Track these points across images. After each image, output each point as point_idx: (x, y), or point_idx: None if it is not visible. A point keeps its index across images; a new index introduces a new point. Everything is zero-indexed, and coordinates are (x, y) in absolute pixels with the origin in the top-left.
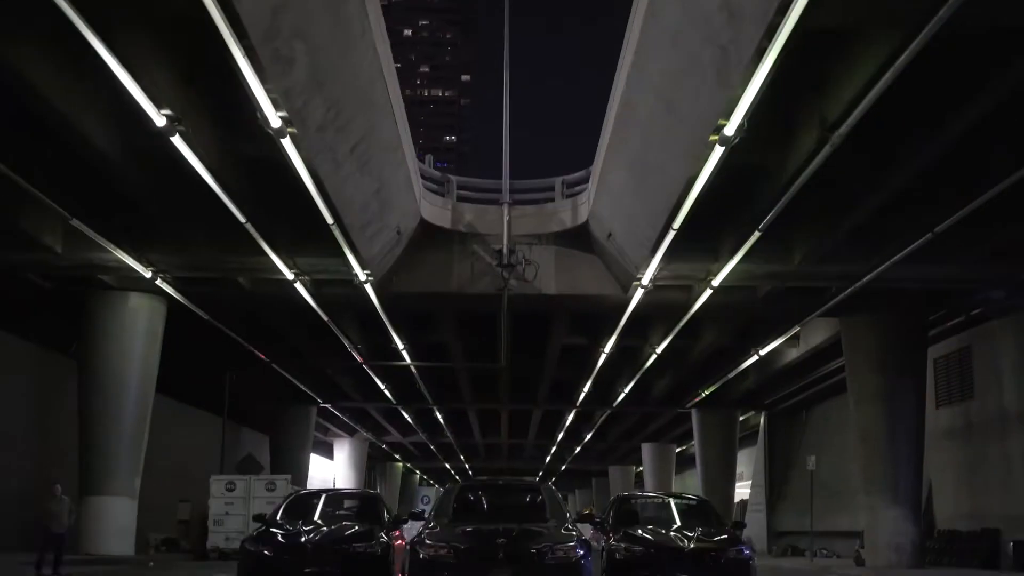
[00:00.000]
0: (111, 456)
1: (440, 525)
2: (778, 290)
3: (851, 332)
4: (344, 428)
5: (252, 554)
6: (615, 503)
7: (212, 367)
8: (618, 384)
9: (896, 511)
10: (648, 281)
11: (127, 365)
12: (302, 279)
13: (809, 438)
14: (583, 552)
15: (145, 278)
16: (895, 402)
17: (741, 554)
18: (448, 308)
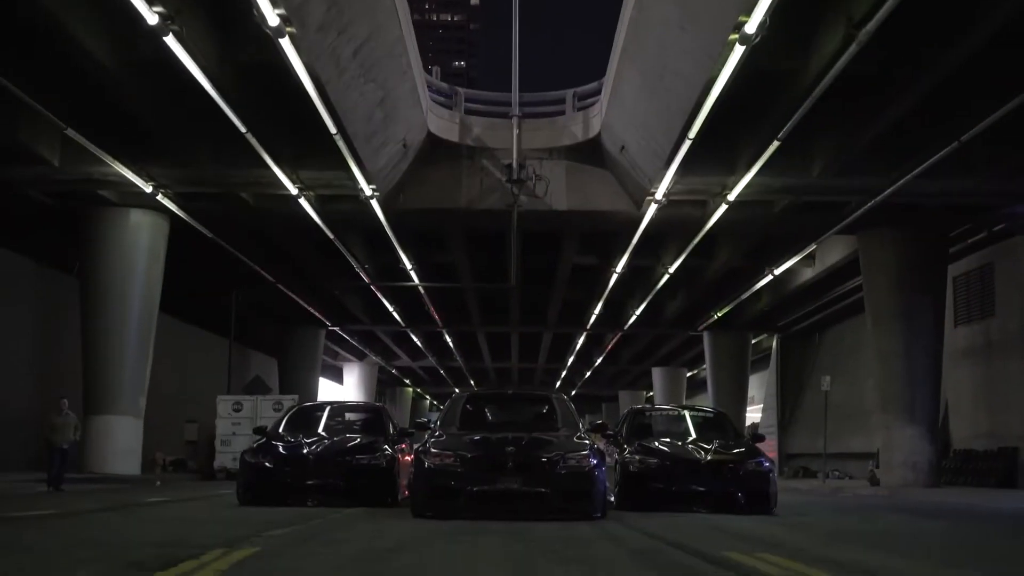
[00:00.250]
0: (115, 375)
1: (447, 434)
2: (795, 205)
3: (869, 249)
4: (353, 352)
5: (252, 466)
6: (629, 416)
7: (218, 287)
8: (629, 306)
9: (912, 430)
10: (662, 195)
11: (129, 283)
12: (306, 194)
13: (822, 360)
14: (596, 461)
15: (146, 193)
16: (913, 320)
17: (760, 466)
18: (456, 225)
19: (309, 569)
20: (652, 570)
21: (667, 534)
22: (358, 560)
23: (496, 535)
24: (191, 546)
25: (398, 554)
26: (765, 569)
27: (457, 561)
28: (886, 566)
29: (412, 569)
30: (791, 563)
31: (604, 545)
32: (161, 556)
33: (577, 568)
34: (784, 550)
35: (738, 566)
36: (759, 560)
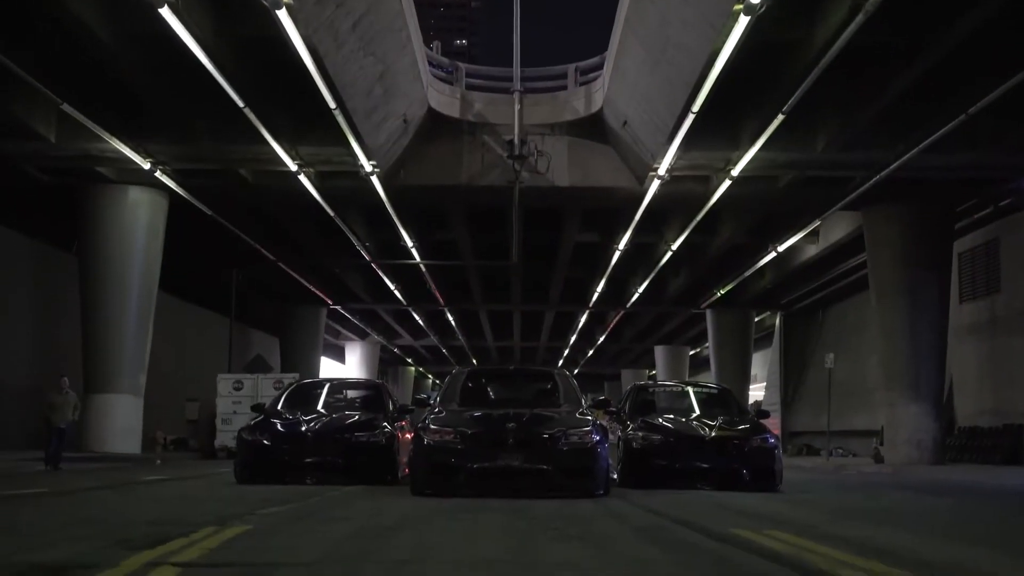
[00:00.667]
0: (114, 353)
1: (447, 411)
2: (799, 181)
3: (874, 224)
4: (355, 331)
5: (249, 444)
6: (632, 392)
7: (218, 265)
8: (632, 283)
9: (917, 407)
10: (664, 171)
11: (128, 260)
12: (306, 171)
13: (825, 338)
14: (598, 438)
15: (144, 170)
16: (918, 297)
17: (766, 443)
18: (458, 202)
19: (302, 547)
20: (656, 547)
21: (671, 511)
22: (354, 538)
23: (497, 513)
24: (184, 524)
25: (396, 532)
26: (773, 546)
27: (457, 539)
28: (894, 543)
29: (410, 547)
30: (799, 540)
31: (607, 522)
32: (152, 534)
33: (579, 545)
34: (791, 527)
35: (745, 543)
36: (766, 537)
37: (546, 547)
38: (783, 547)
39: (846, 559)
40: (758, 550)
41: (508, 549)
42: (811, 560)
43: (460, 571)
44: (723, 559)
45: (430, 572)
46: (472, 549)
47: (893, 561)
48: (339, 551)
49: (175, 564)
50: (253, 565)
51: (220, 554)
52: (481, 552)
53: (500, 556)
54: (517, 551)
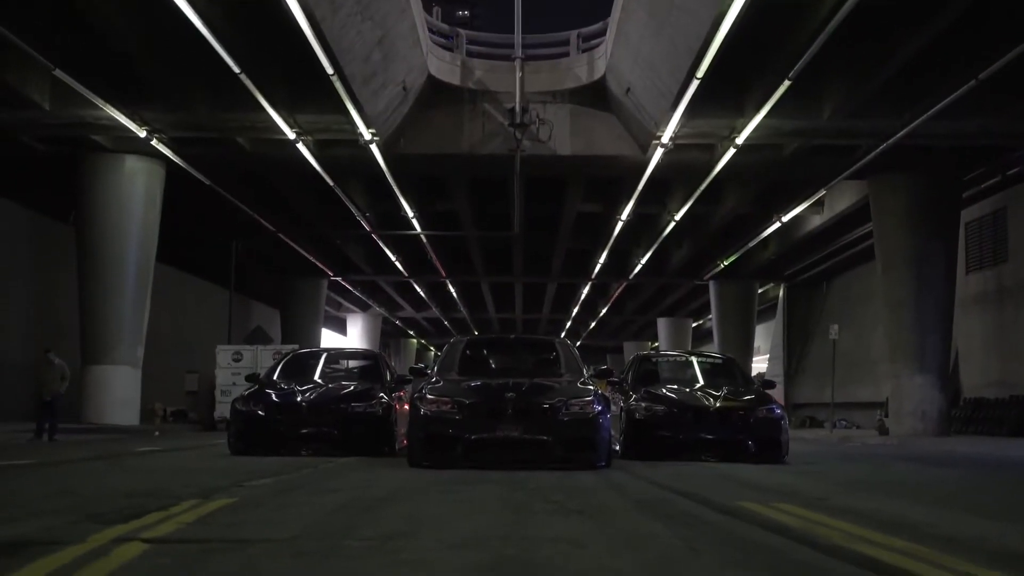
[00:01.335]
0: (112, 324)
1: (444, 380)
2: (805, 149)
3: (880, 194)
4: (357, 303)
5: (243, 414)
6: (634, 362)
7: (218, 236)
8: (635, 255)
9: (922, 378)
10: (668, 139)
11: (126, 230)
12: (304, 139)
13: (829, 310)
14: (600, 408)
15: (140, 138)
16: (924, 267)
17: (772, 413)
18: (458, 172)
19: (284, 521)
20: (659, 521)
21: (675, 483)
22: (341, 511)
23: (494, 485)
24: (166, 496)
25: (387, 505)
26: (783, 520)
27: (450, 512)
28: (910, 516)
29: (399, 521)
30: (810, 513)
31: (608, 495)
32: (129, 507)
33: (578, 520)
34: (800, 499)
35: (754, 516)
36: (775, 510)
37: (544, 521)
38: (793, 520)
39: (863, 533)
40: (767, 524)
41: (503, 523)
42: (824, 535)
43: (449, 548)
44: (730, 534)
45: (416, 549)
46: (465, 523)
47: (913, 536)
48: (322, 525)
49: (145, 540)
50: (226, 541)
51: (195, 529)
52: (474, 527)
53: (494, 531)
54: (512, 526)
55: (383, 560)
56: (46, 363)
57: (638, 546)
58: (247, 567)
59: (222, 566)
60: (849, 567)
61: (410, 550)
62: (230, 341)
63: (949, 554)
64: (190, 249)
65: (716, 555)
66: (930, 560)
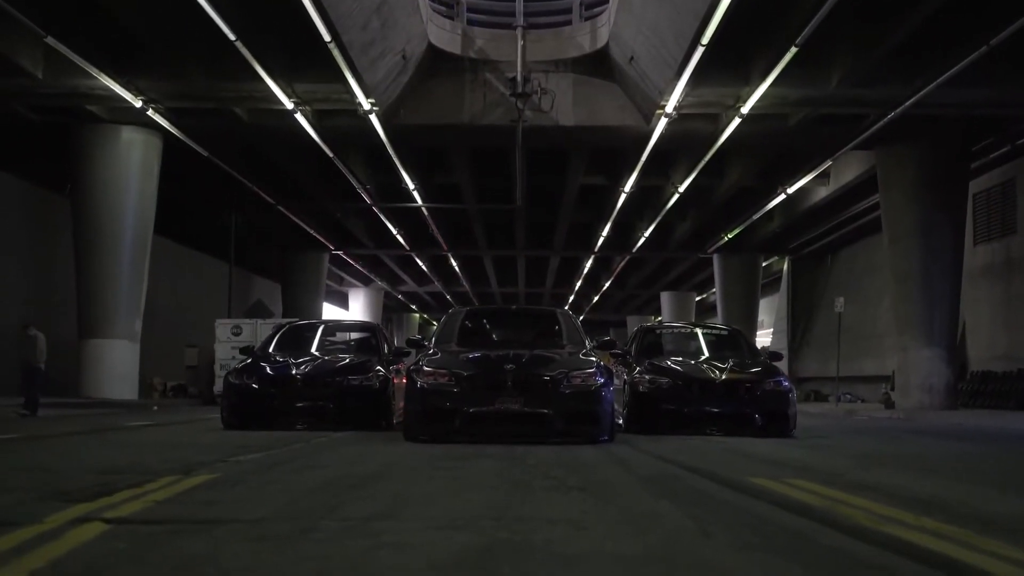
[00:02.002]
0: (109, 297)
1: (442, 352)
2: (811, 118)
3: (887, 164)
4: (359, 277)
5: (236, 387)
6: (638, 334)
7: (218, 210)
8: (638, 228)
9: (929, 352)
10: (672, 108)
11: (122, 202)
12: (302, 109)
13: (834, 283)
14: (603, 380)
15: (135, 108)
16: (932, 239)
17: (780, 386)
18: (460, 143)
19: (261, 500)
20: (667, 499)
21: (681, 458)
22: (324, 489)
23: (492, 460)
24: (144, 472)
25: (374, 482)
26: (800, 497)
27: (441, 490)
28: (935, 493)
29: (385, 500)
30: (827, 490)
31: (611, 471)
32: (101, 484)
33: (579, 498)
34: (814, 475)
35: (768, 493)
36: (790, 487)
37: (542, 500)
38: (810, 498)
39: (889, 513)
40: (783, 502)
41: (498, 502)
42: (847, 514)
43: (436, 530)
44: (744, 513)
45: (399, 531)
46: (457, 502)
47: (944, 515)
48: (300, 504)
49: (106, 520)
50: (194, 522)
51: (165, 508)
52: (466, 506)
53: (487, 511)
54: (507, 505)
55: (361, 544)
56: (26, 338)
57: (644, 528)
58: (208, 552)
59: (181, 550)
60: (883, 553)
61: (393, 532)
62: (230, 315)
63: (989, 536)
64: (190, 222)
65: (730, 538)
66: (972, 544)
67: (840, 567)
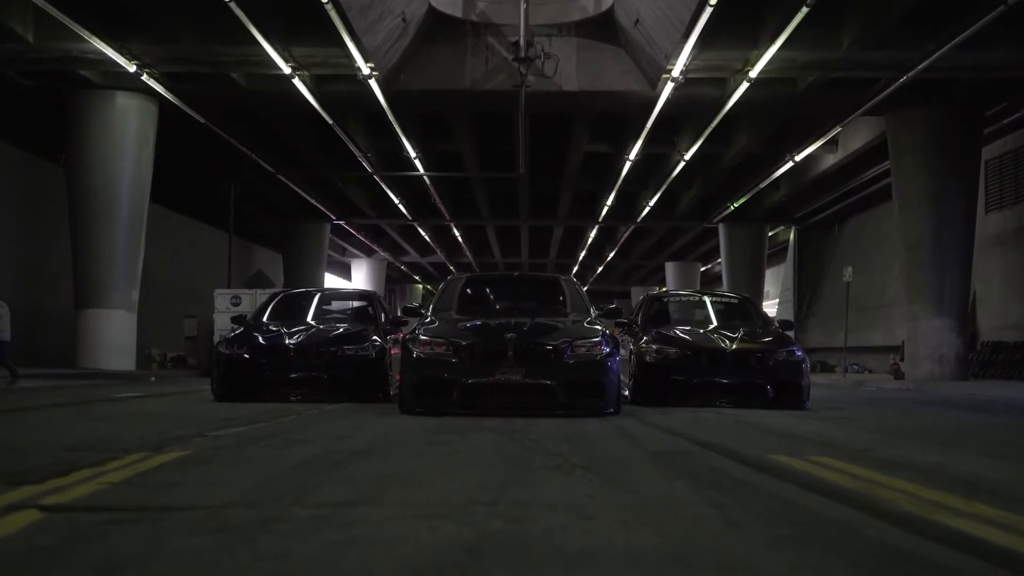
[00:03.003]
0: (105, 267)
1: (439, 320)
2: (821, 83)
3: (898, 130)
4: (361, 248)
5: (227, 358)
6: (645, 302)
7: (217, 179)
8: (643, 197)
9: (940, 321)
10: (679, 73)
11: (118, 169)
12: (300, 74)
13: (841, 253)
14: (609, 349)
15: (129, 73)
16: (943, 206)
17: (793, 355)
18: (461, 109)
19: (232, 480)
20: (681, 480)
21: (693, 432)
22: (305, 467)
23: (490, 434)
24: (112, 449)
25: (362, 458)
26: (830, 477)
27: (434, 468)
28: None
29: (366, 481)
30: (857, 468)
31: (618, 446)
32: (60, 463)
33: (584, 478)
34: (839, 451)
35: (793, 473)
36: (816, 465)
37: (542, 481)
38: (842, 479)
39: (934, 497)
40: (812, 484)
41: (493, 484)
42: (888, 499)
43: (419, 519)
44: (772, 498)
45: (377, 519)
46: (447, 484)
47: (996, 499)
48: (271, 487)
49: (42, 507)
50: (144, 509)
51: (117, 492)
52: (457, 488)
53: (480, 494)
54: (503, 487)
55: (328, 538)
56: None
57: (659, 516)
58: (144, 550)
59: (113, 547)
60: (939, 548)
61: (369, 522)
62: (230, 285)
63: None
64: (189, 192)
65: (760, 529)
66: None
67: (893, 567)
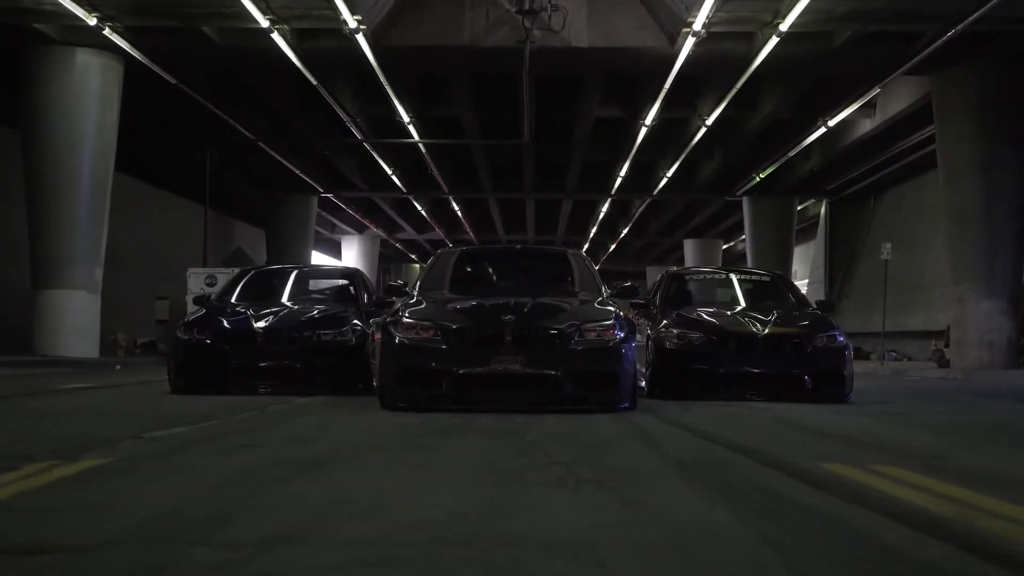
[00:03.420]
0: (64, 243)
1: (427, 300)
2: (859, 37)
3: (945, 91)
4: (352, 224)
5: (185, 344)
6: (664, 281)
7: (192, 147)
8: (660, 167)
9: (990, 303)
10: (700, 26)
11: (79, 134)
12: (280, 27)
13: (877, 228)
14: (623, 334)
15: (89, 26)
16: (995, 174)
17: (834, 341)
18: (460, 68)
19: (134, 503)
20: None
21: (725, 434)
22: (238, 482)
23: (481, 436)
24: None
25: (316, 470)
26: (910, 498)
27: (403, 484)
28: None
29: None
30: (938, 483)
31: (636, 452)
32: None
33: (593, 498)
34: (906, 459)
35: (859, 490)
36: (884, 479)
37: (539, 503)
38: (928, 501)
39: None
40: (893, 509)
41: (473, 509)
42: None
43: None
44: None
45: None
46: (412, 509)
47: None
48: (182, 514)
49: None
50: None
51: None
52: (424, 516)
53: (453, 527)
54: (487, 514)
55: None
56: None
57: (696, 562)
58: None
59: None
60: None
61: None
62: (206, 264)
63: None
64: (162, 161)
65: None
66: None
67: None
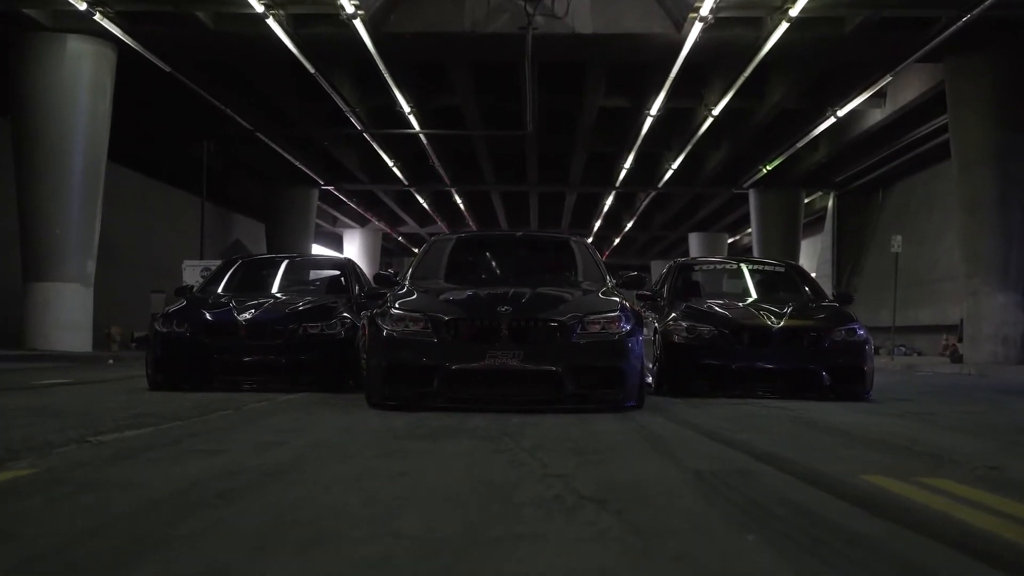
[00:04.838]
0: (56, 235)
1: (418, 291)
2: (870, 23)
3: (959, 79)
4: (354, 217)
5: (163, 337)
6: (673, 271)
7: (189, 138)
8: (665, 159)
9: (1004, 297)
10: (708, 11)
11: (70, 124)
12: (275, 13)
13: (886, 221)
14: (629, 327)
15: (81, 12)
16: (1011, 164)
17: (854, 334)
18: (461, 56)
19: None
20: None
21: (743, 437)
22: (167, 503)
23: (471, 440)
24: None
25: (268, 485)
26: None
27: (368, 505)
28: None
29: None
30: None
31: (647, 461)
32: None
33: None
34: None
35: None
36: (939, 495)
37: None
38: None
39: None
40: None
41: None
42: None
43: None
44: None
45: None
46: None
47: None
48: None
49: None
50: None
51: None
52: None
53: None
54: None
55: None
56: None
57: None
58: None
59: None
60: None
61: None
62: (203, 256)
63: None
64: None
65: None
66: None
67: None
